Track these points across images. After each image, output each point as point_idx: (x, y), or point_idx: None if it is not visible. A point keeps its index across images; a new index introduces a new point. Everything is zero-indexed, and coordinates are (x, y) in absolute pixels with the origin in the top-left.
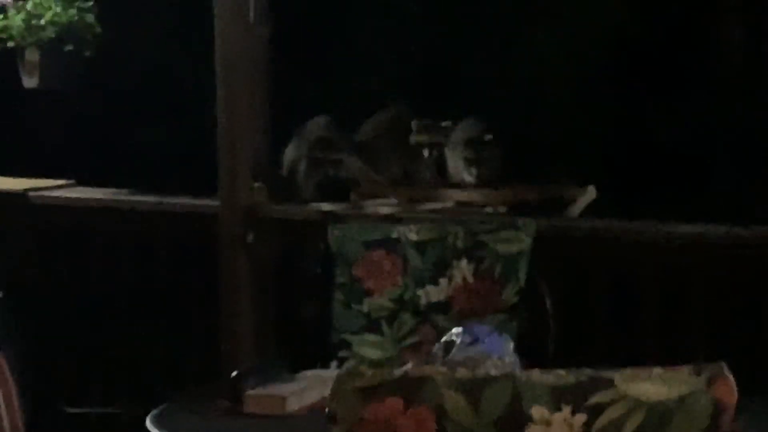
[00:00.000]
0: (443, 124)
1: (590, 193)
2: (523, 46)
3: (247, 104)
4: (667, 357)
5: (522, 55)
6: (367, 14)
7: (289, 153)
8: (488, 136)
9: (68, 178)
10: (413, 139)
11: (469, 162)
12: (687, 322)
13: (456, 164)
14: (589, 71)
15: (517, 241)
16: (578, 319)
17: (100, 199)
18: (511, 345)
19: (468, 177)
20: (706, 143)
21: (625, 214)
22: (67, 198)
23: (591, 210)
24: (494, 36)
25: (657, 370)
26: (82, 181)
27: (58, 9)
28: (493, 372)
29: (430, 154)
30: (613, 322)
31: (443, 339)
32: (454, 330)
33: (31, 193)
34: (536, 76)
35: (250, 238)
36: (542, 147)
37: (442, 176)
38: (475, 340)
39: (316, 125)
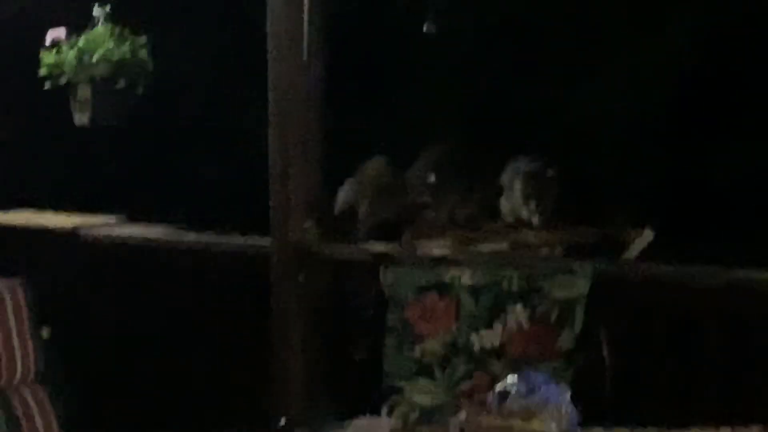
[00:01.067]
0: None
1: (647, 235)
2: (581, 82)
3: (299, 141)
4: (731, 411)
5: (580, 91)
6: (422, 49)
7: (344, 193)
8: (550, 172)
9: (119, 214)
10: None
11: (528, 198)
12: (751, 373)
13: (512, 202)
14: (649, 109)
15: (573, 286)
16: (636, 368)
17: (150, 237)
18: (568, 394)
19: (526, 214)
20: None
21: (682, 258)
22: (116, 236)
23: (648, 253)
24: (552, 72)
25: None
26: (133, 218)
27: (111, 45)
28: (551, 425)
29: (486, 193)
30: (673, 371)
31: (498, 387)
32: (510, 378)
33: (82, 231)
34: (594, 113)
35: (301, 277)
36: (599, 186)
37: (495, 217)
38: (532, 389)
39: (375, 167)
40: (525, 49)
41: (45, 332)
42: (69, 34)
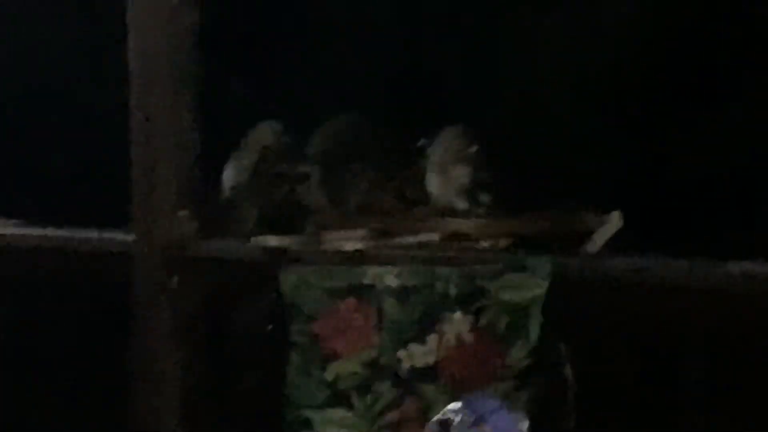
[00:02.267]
0: (420, 143)
1: (614, 221)
2: (516, 41)
3: (169, 111)
4: None
5: (516, 52)
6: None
7: (229, 172)
8: (474, 147)
9: None
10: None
11: (462, 178)
12: (748, 389)
13: (442, 183)
14: (606, 69)
15: (526, 287)
16: (605, 388)
17: None
18: (526, 424)
19: (460, 198)
20: (746, 162)
21: (659, 250)
22: None
23: (616, 244)
24: (487, 24)
25: None
26: None
27: None
28: None
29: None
30: (650, 391)
31: (436, 417)
32: (451, 405)
33: None
34: (543, 75)
35: (173, 283)
36: (549, 166)
37: (421, 202)
38: (479, 419)
39: (264, 134)
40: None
41: None
42: None
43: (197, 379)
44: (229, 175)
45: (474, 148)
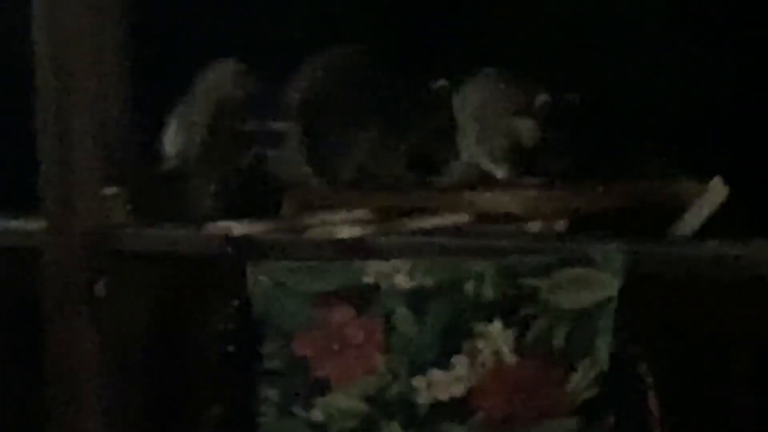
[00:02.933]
0: (439, 83)
1: (716, 191)
2: None
3: (88, 52)
4: None
5: None
6: None
7: (173, 133)
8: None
9: None
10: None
11: (504, 143)
12: None
13: (477, 147)
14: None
15: (592, 287)
16: (703, 418)
17: None
18: None
19: (500, 169)
20: None
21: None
22: None
23: (716, 224)
24: None
25: None
26: None
27: None
28: None
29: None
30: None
31: None
32: None
33: None
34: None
35: (99, 288)
36: (627, 121)
37: (446, 172)
38: None
39: (221, 79)
40: None
41: None
42: None
43: (130, 417)
44: (173, 138)
45: (542, 98)
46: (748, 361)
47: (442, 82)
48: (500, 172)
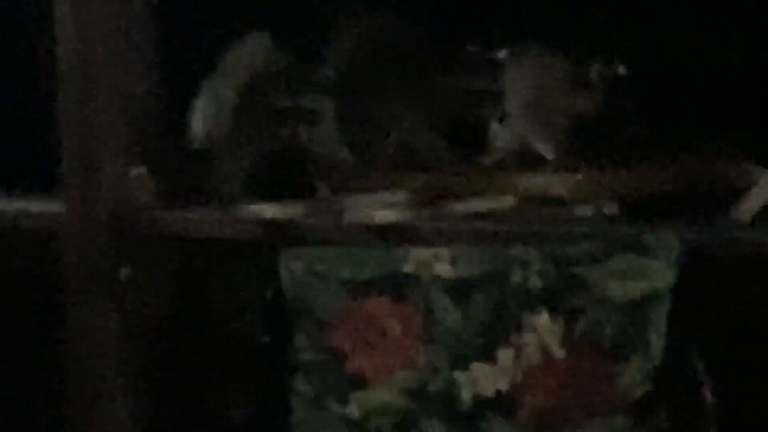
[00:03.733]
0: (499, 54)
1: None
2: None
3: (112, 24)
4: None
5: None
6: None
7: (202, 111)
8: (619, 68)
9: None
10: (435, 81)
11: (558, 119)
12: None
13: (527, 124)
14: None
15: (645, 276)
16: (759, 418)
17: None
18: None
19: (549, 150)
20: None
21: None
22: None
23: None
24: None
25: None
26: None
27: None
28: None
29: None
30: None
31: None
32: None
33: None
34: None
35: (124, 273)
36: (683, 98)
37: (492, 151)
38: None
39: (251, 53)
40: None
41: None
42: None
43: (154, 408)
44: (201, 116)
45: (596, 69)
46: None
47: (502, 53)
48: (550, 152)
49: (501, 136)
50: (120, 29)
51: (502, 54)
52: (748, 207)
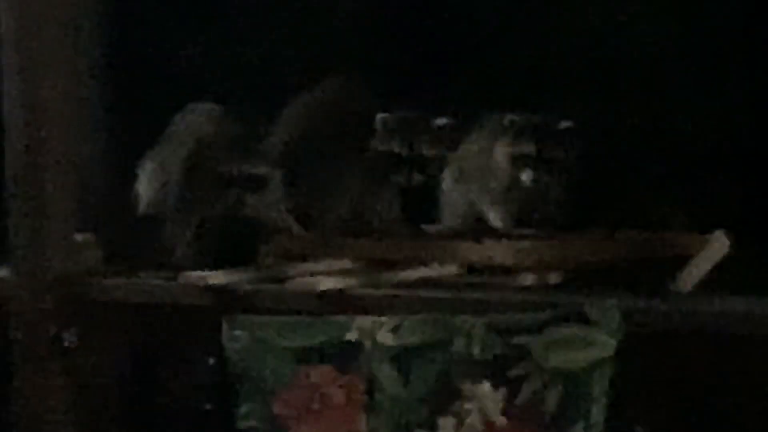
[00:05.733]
0: (440, 121)
1: (719, 243)
2: None
3: (61, 92)
4: None
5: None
6: None
7: (149, 177)
8: (564, 123)
9: None
10: (379, 145)
11: (500, 188)
12: None
13: (468, 192)
14: (712, 39)
15: (587, 346)
16: None
17: None
18: None
19: (496, 217)
20: None
21: None
22: None
23: (724, 278)
24: None
25: None
26: None
27: None
28: None
29: (413, 174)
30: None
31: None
32: None
33: None
34: (615, 42)
35: (69, 339)
36: (627, 169)
37: (431, 219)
38: None
39: (198, 120)
40: None
41: None
42: None
43: None
44: (148, 182)
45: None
46: (751, 420)
47: (442, 121)
48: (498, 220)
49: (450, 203)
50: (69, 94)
51: (444, 121)
52: (689, 276)
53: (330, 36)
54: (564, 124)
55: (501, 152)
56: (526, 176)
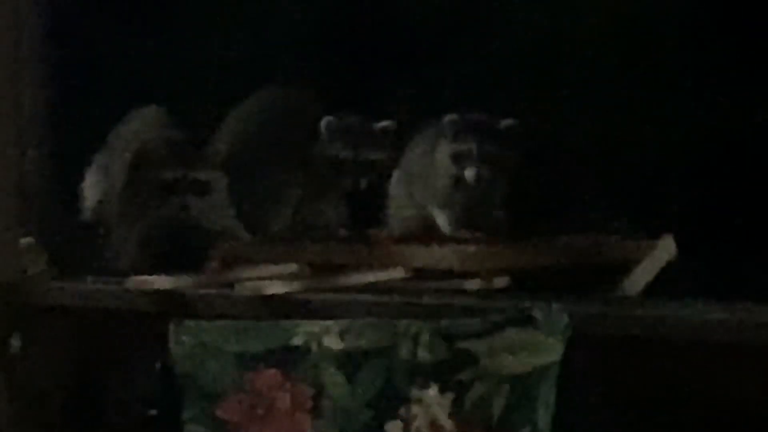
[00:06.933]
0: (383, 124)
1: (666, 248)
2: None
3: (6, 97)
4: None
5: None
6: None
7: (92, 182)
8: (506, 122)
9: None
10: (327, 150)
11: (445, 190)
12: None
13: (414, 194)
14: (658, 34)
15: (533, 350)
16: None
17: None
18: None
19: (443, 220)
20: None
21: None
22: None
23: (667, 284)
24: None
25: None
26: None
27: None
28: None
29: (359, 178)
30: None
31: None
32: None
33: None
34: (558, 45)
35: (14, 344)
36: (576, 174)
37: (382, 223)
38: None
39: (142, 125)
40: None
41: None
42: None
43: None
44: (91, 186)
45: (507, 122)
46: (695, 424)
47: (387, 124)
48: (446, 223)
49: (397, 206)
50: (12, 102)
51: (387, 123)
52: (636, 282)
53: (273, 41)
54: (505, 123)
55: (442, 152)
56: (468, 174)
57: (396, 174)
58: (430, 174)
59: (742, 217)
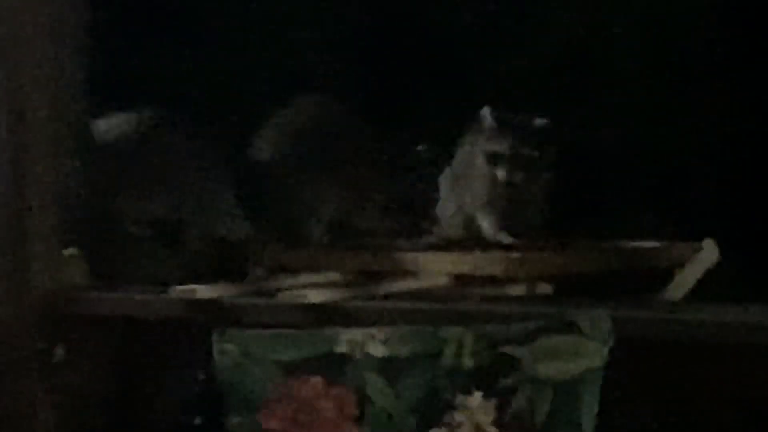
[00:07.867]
0: (540, 122)
1: (708, 253)
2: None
3: (48, 106)
4: None
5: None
6: None
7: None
8: (539, 121)
9: None
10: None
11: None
12: None
13: (460, 200)
14: (699, 41)
15: (578, 356)
16: None
17: None
18: None
19: (488, 226)
20: None
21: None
22: None
23: (713, 286)
24: None
25: None
26: None
27: None
28: None
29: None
30: None
31: None
32: None
33: None
34: (595, 51)
35: (58, 354)
36: (618, 179)
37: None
38: None
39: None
40: None
41: None
42: None
43: None
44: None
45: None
46: (741, 428)
47: (542, 121)
48: (488, 228)
49: (445, 213)
50: (52, 110)
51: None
52: (679, 286)
53: (307, 49)
54: (539, 122)
55: (478, 153)
56: (500, 174)
57: (443, 178)
58: (470, 176)
59: None
